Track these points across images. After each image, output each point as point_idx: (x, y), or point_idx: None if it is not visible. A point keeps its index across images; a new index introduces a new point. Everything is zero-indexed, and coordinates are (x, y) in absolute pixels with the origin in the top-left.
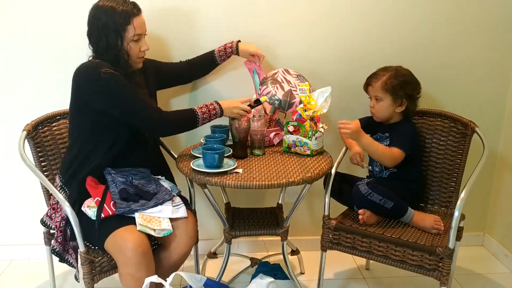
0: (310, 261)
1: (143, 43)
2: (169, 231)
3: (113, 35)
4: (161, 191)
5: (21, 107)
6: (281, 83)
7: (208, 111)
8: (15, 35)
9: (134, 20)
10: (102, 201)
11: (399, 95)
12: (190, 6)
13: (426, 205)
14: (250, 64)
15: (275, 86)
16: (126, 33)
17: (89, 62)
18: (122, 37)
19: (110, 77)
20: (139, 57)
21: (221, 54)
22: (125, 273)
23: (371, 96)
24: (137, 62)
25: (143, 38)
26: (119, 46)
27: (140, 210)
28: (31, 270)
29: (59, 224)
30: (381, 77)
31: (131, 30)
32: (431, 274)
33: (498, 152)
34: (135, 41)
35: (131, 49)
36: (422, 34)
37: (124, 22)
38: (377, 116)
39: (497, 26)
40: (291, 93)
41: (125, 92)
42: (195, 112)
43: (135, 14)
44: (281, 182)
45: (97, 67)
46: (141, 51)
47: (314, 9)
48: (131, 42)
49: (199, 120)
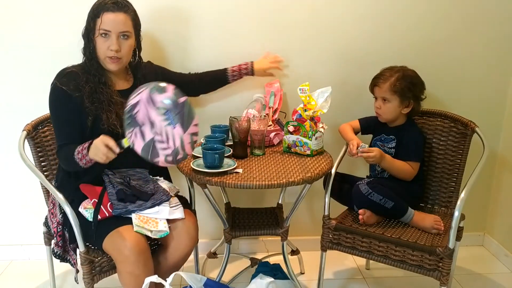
0: (310, 261)
1: (112, 42)
2: (165, 233)
3: (88, 26)
4: (159, 191)
5: (21, 107)
6: (142, 126)
7: (81, 150)
8: (15, 34)
9: (105, 14)
10: (99, 202)
11: (407, 97)
12: (187, 9)
13: (426, 205)
14: (270, 86)
15: (133, 131)
16: (95, 25)
17: (66, 68)
18: (92, 29)
19: (53, 89)
20: (108, 56)
21: (234, 74)
22: (123, 271)
23: (377, 97)
24: (106, 61)
25: (113, 37)
26: (90, 37)
27: (137, 211)
28: (31, 270)
29: (56, 229)
30: (389, 78)
31: (98, 22)
32: (431, 274)
33: (498, 152)
34: (102, 36)
35: (97, 44)
36: (422, 34)
37: (96, 14)
38: (383, 117)
39: (497, 26)
40: (153, 146)
41: (51, 109)
42: (73, 154)
43: (108, 9)
44: (281, 182)
45: (59, 75)
46: (109, 50)
47: (314, 9)
48: (98, 37)
49: (79, 163)
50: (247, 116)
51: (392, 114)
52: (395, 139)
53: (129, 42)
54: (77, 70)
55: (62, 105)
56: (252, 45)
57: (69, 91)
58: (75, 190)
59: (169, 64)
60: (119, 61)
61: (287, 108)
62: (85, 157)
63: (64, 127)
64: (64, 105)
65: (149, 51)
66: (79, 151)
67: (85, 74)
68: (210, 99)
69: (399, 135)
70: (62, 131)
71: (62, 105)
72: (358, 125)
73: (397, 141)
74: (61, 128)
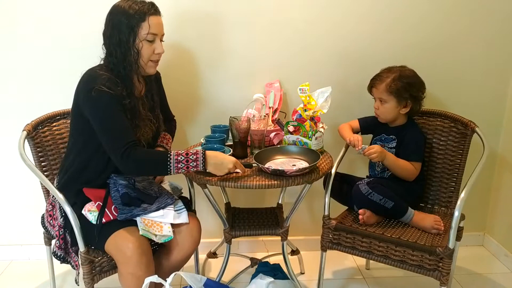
0: (310, 261)
1: (158, 46)
2: (169, 237)
3: (126, 31)
4: (163, 194)
5: (21, 107)
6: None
7: (185, 161)
8: (16, 34)
9: (150, 18)
10: (104, 206)
11: (403, 97)
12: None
13: (426, 205)
14: (270, 86)
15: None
16: (139, 29)
17: (94, 71)
18: (135, 34)
19: (101, 93)
20: (152, 60)
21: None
22: (125, 272)
23: (375, 97)
24: (149, 65)
25: (158, 40)
26: (131, 43)
27: (142, 215)
28: (31, 270)
29: (58, 233)
30: (385, 79)
31: (145, 27)
32: (431, 274)
33: (498, 152)
34: (149, 41)
35: (143, 48)
36: (422, 34)
37: (139, 18)
38: (382, 117)
39: (497, 26)
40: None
41: (102, 112)
42: (168, 158)
43: (152, 13)
44: (281, 182)
45: (97, 78)
46: (155, 54)
47: (314, 9)
48: (144, 41)
49: (171, 169)
50: (247, 116)
51: (390, 114)
52: (396, 139)
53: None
54: (110, 76)
55: (117, 109)
56: (253, 45)
57: (119, 95)
58: (77, 193)
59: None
60: (157, 64)
61: (287, 108)
62: (197, 167)
63: (123, 127)
64: (118, 108)
65: None
66: (183, 160)
67: (118, 83)
68: (210, 99)
69: (400, 135)
70: (123, 131)
71: (116, 108)
72: (357, 125)
73: (398, 141)
74: (121, 128)
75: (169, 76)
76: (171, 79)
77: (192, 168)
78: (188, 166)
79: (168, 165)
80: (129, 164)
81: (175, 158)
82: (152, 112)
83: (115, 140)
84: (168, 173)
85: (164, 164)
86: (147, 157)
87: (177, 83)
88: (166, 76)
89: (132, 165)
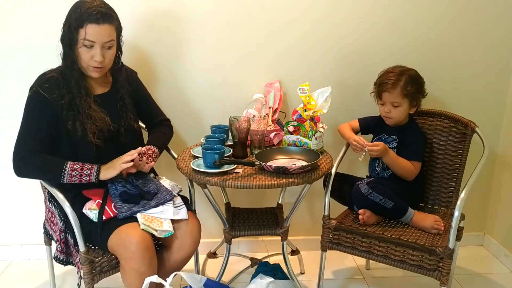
0: (310, 261)
1: (96, 53)
2: (170, 233)
3: (68, 31)
4: (162, 191)
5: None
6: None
7: (80, 169)
8: (15, 34)
9: (89, 25)
10: (103, 203)
11: (416, 98)
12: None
13: (426, 205)
14: (270, 86)
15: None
16: (78, 34)
17: (46, 72)
18: (74, 38)
19: (34, 93)
20: (92, 66)
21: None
22: (128, 267)
23: (385, 102)
24: (89, 70)
25: (97, 47)
26: (73, 44)
27: (142, 211)
28: (31, 270)
29: (59, 237)
30: (397, 82)
31: (82, 33)
32: (431, 274)
33: (498, 152)
34: (86, 46)
35: (80, 54)
36: (422, 34)
37: (77, 25)
38: (393, 121)
39: (498, 26)
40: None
41: (26, 113)
42: (64, 167)
43: (93, 21)
44: (281, 182)
45: (40, 79)
46: (92, 60)
47: (314, 9)
48: (82, 47)
49: (64, 176)
50: (247, 116)
51: (402, 117)
52: (397, 139)
53: (112, 51)
54: (57, 76)
55: (40, 112)
56: (253, 45)
57: (52, 100)
58: (75, 194)
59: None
60: (102, 70)
61: (287, 108)
62: (83, 177)
63: (37, 134)
64: (42, 112)
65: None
66: (80, 171)
67: (65, 81)
68: (210, 99)
69: (401, 135)
70: (34, 137)
71: (40, 111)
72: (357, 125)
73: (399, 140)
74: (33, 134)
75: (168, 76)
76: (171, 79)
77: (84, 177)
78: (81, 175)
79: (62, 175)
80: (20, 170)
81: (71, 168)
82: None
83: (18, 141)
84: (60, 181)
85: (58, 173)
86: (41, 164)
87: (176, 82)
88: (166, 76)
89: (23, 171)
